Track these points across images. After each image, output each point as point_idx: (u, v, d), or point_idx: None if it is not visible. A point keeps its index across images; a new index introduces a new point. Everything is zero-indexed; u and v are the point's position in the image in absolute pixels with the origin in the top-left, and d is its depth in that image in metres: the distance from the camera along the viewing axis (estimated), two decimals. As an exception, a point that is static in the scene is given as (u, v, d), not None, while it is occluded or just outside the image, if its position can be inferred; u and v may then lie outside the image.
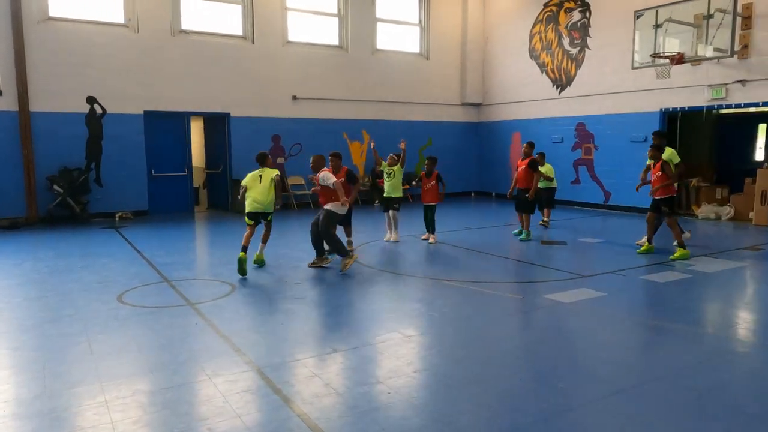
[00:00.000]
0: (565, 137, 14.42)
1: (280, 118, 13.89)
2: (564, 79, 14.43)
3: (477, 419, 3.31)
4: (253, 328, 5.02)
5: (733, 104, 11.23)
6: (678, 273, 6.98)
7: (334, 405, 3.47)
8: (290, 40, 13.95)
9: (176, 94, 12.56)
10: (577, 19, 13.95)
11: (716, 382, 3.83)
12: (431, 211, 9.27)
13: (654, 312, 5.66)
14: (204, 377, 3.88)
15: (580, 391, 3.69)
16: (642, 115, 12.64)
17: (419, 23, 16.00)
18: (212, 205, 14.30)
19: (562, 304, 5.67)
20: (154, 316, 5.30)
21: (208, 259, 8.52)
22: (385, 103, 15.35)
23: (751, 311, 5.77)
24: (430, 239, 9.20)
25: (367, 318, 5.34)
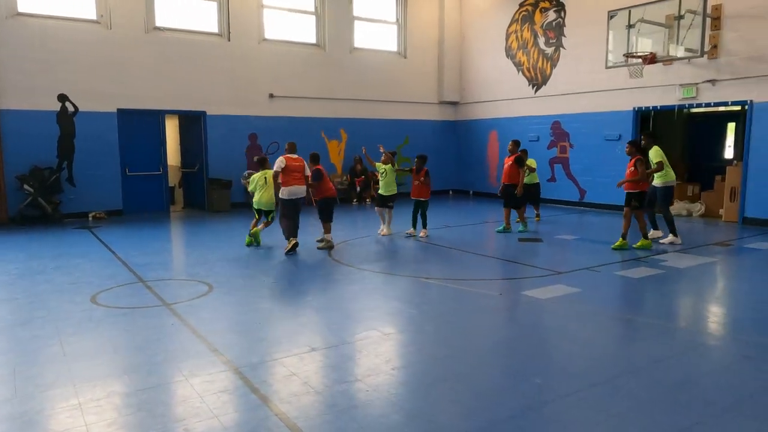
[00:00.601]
0: (541, 136, 14.59)
1: (256, 116, 13.78)
2: (540, 78, 14.58)
3: (455, 415, 3.34)
4: (231, 328, 4.98)
5: (703, 103, 11.48)
6: (651, 269, 7.11)
7: (313, 404, 3.46)
8: (267, 38, 13.85)
9: (151, 91, 12.38)
10: (553, 19, 14.11)
11: (688, 375, 3.92)
12: (422, 206, 9.50)
13: (628, 307, 5.76)
14: (180, 378, 3.83)
15: (556, 385, 3.74)
16: (616, 114, 12.85)
17: (396, 21, 16.02)
18: (188, 204, 14.14)
19: (538, 300, 5.74)
20: (128, 317, 5.22)
21: (184, 259, 8.41)
22: (362, 101, 15.33)
23: (721, 305, 5.91)
24: (422, 233, 9.43)
25: (345, 316, 5.33)
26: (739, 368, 4.06)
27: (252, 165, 13.83)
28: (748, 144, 10.78)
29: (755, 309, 5.56)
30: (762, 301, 5.83)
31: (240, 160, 13.70)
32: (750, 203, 10.81)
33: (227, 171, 13.38)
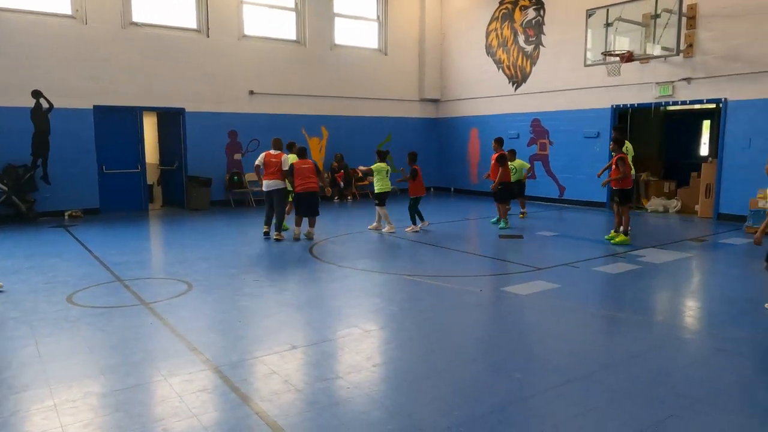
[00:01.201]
0: (521, 133, 14.70)
1: (236, 113, 13.66)
2: (519, 75, 14.69)
3: (435, 411, 3.35)
4: (210, 327, 4.94)
5: (679, 101, 11.67)
6: (628, 264, 7.22)
7: (293, 401, 3.45)
8: (246, 34, 13.73)
9: (128, 88, 12.20)
10: (532, 17, 14.21)
11: (664, 368, 3.99)
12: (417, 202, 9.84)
13: (606, 302, 5.84)
14: (159, 377, 3.79)
15: (536, 380, 3.78)
16: (594, 112, 13.00)
17: (377, 19, 16.00)
18: (167, 202, 13.97)
19: (518, 296, 5.79)
20: (106, 316, 5.15)
21: (163, 257, 8.32)
22: (343, 98, 15.29)
23: (696, 300, 6.02)
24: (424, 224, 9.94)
25: (326, 314, 5.32)
26: (713, 361, 4.14)
27: (233, 163, 13.76)
28: (722, 141, 10.99)
29: (729, 303, 5.68)
30: (736, 296, 5.96)
31: (220, 158, 13.59)
32: (724, 199, 11.02)
33: (207, 169, 13.26)
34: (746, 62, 10.45)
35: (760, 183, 10.08)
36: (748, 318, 5.15)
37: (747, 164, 10.55)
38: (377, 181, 9.67)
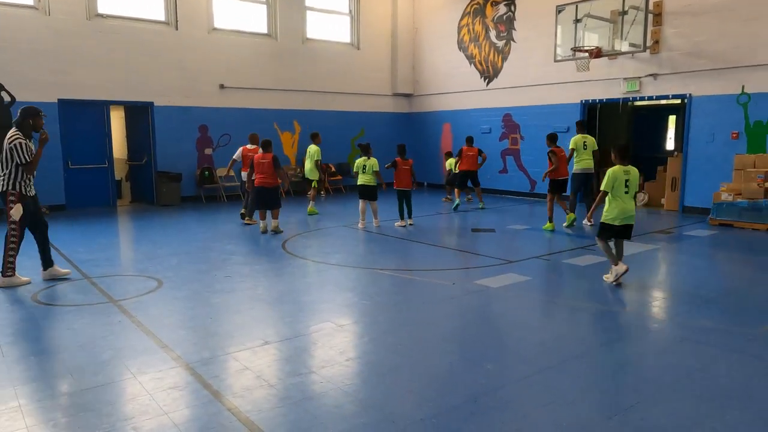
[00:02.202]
0: (493, 128, 14.83)
1: (207, 107, 13.47)
2: (491, 71, 14.80)
3: (408, 403, 3.37)
4: (181, 324, 4.87)
5: (646, 96, 11.91)
6: (597, 257, 7.35)
7: (266, 397, 3.43)
8: (216, 27, 13.52)
9: (94, 81, 11.91)
10: (503, 13, 14.33)
11: (631, 356, 4.09)
12: (406, 196, 9.82)
13: (575, 294, 5.95)
14: (128, 376, 3.73)
15: (507, 371, 3.83)
16: (564, 107, 13.19)
17: (349, 13, 15.92)
18: (136, 198, 13.70)
19: (490, 289, 5.86)
20: (72, 315, 5.04)
21: (132, 254, 8.16)
22: (316, 93, 15.20)
23: (662, 290, 6.17)
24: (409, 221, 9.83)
25: (299, 309, 5.30)
26: (677, 349, 4.26)
27: (204, 158, 13.56)
28: (687, 136, 11.27)
29: (693, 293, 5.84)
30: (699, 286, 6.13)
31: (190, 153, 13.39)
32: (689, 193, 11.31)
33: (177, 164, 13.05)
34: (710, 59, 10.73)
35: (724, 176, 10.38)
36: (711, 307, 5.31)
37: (711, 158, 10.85)
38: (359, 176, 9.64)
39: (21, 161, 5.75)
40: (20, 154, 5.74)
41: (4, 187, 5.82)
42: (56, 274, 6.22)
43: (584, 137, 9.87)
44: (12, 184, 5.80)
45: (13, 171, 5.79)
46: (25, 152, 5.76)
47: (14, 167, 5.78)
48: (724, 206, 9.72)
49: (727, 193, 9.75)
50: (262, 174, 8.99)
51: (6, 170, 5.80)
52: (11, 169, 5.78)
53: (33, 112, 5.93)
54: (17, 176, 5.81)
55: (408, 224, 9.73)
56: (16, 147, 5.74)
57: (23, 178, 5.86)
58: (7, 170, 5.79)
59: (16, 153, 5.74)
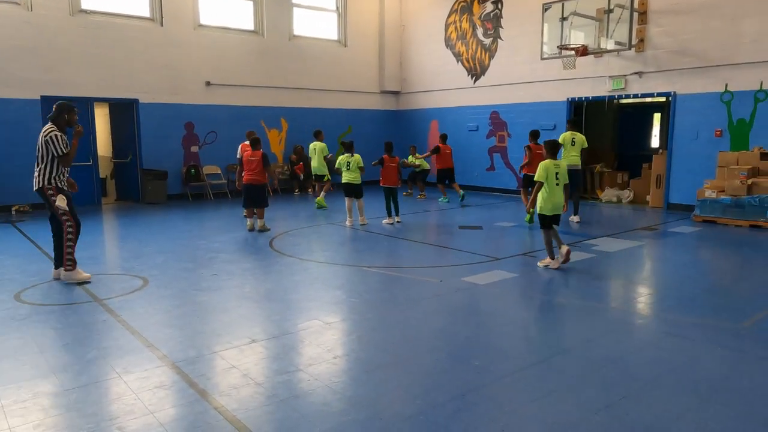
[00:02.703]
0: (480, 125, 14.88)
1: (193, 104, 13.36)
2: (478, 68, 14.83)
3: (396, 400, 3.38)
4: (167, 322, 4.83)
5: (631, 94, 12.01)
6: (583, 253, 7.41)
7: (253, 395, 3.42)
8: (202, 24, 13.42)
9: (78, 78, 11.77)
10: (490, 10, 14.36)
11: (615, 352, 4.12)
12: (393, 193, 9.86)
13: (561, 290, 5.99)
14: (113, 375, 3.70)
15: (494, 367, 3.85)
16: (551, 105, 13.26)
17: (336, 10, 15.87)
18: (121, 196, 13.57)
19: (477, 286, 5.88)
20: (57, 314, 4.98)
21: (117, 253, 8.08)
22: (303, 90, 15.14)
23: (647, 286, 6.24)
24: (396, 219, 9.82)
25: (286, 307, 5.28)
26: (662, 345, 4.30)
27: (190, 155, 13.45)
28: (672, 134, 11.38)
29: (678, 289, 5.90)
30: (683, 281, 6.20)
31: (176, 150, 13.28)
32: (673, 190, 11.43)
33: (162, 161, 12.95)
34: (694, 57, 10.84)
35: (707, 173, 10.50)
36: (695, 303, 5.38)
37: (695, 155, 10.97)
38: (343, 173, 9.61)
39: (57, 153, 5.75)
40: (56, 146, 5.73)
41: (40, 183, 5.81)
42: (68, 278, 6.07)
43: (573, 134, 9.93)
44: (48, 179, 5.80)
45: (48, 165, 5.78)
46: (61, 144, 5.76)
47: (50, 161, 5.77)
48: (707, 203, 9.83)
49: (710, 190, 9.87)
50: (251, 171, 8.96)
51: (42, 164, 5.78)
52: (47, 163, 5.77)
53: (68, 107, 5.98)
54: (53, 171, 5.80)
55: (395, 222, 9.72)
56: (52, 139, 5.73)
57: (59, 173, 5.85)
58: (42, 164, 5.77)
59: (52, 145, 5.73)
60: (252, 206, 9.09)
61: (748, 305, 5.33)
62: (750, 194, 9.40)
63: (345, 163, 9.52)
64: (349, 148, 9.67)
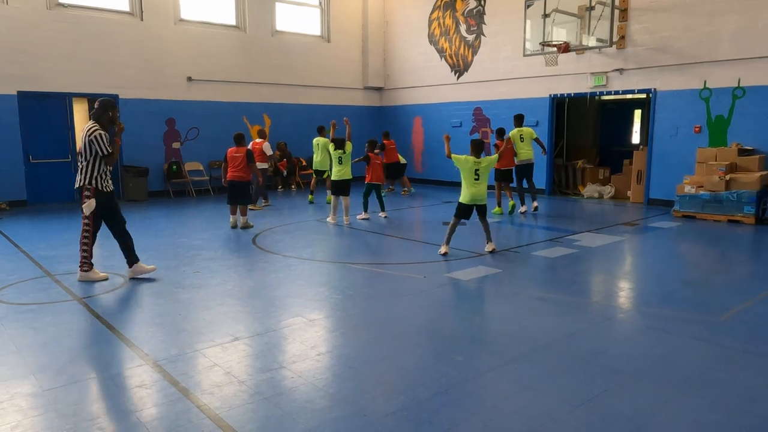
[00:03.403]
0: (464, 121, 14.92)
1: (174, 100, 13.22)
2: (462, 64, 14.87)
3: (380, 397, 3.38)
4: (148, 321, 4.78)
5: (612, 91, 12.13)
6: (565, 248, 7.48)
7: (236, 393, 3.40)
8: (183, 18, 13.26)
9: (55, 73, 11.57)
10: (473, 7, 14.39)
11: (597, 346, 4.17)
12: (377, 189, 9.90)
13: (544, 285, 6.04)
14: (93, 375, 3.65)
15: (477, 362, 3.87)
16: (534, 101, 13.34)
17: (319, 5, 15.79)
18: (102, 193, 13.35)
19: (461, 281, 5.90)
20: (35, 313, 4.90)
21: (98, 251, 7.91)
22: (286, 86, 15.05)
23: (628, 281, 6.31)
24: (382, 214, 9.95)
25: (270, 304, 5.26)
26: (642, 338, 4.36)
27: (172, 152, 13.31)
28: (652, 130, 11.52)
29: (658, 283, 5.98)
30: (664, 276, 6.29)
31: (157, 147, 13.13)
32: (654, 185, 11.58)
33: (143, 158, 12.79)
34: (674, 54, 10.97)
35: (687, 169, 10.65)
36: (675, 297, 5.46)
37: (675, 151, 11.12)
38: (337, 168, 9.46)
39: (102, 152, 5.66)
40: (101, 145, 5.64)
41: (81, 182, 5.70)
42: (142, 271, 6.05)
43: (520, 130, 10.34)
44: (89, 179, 5.68)
45: (92, 163, 5.67)
46: (105, 143, 5.66)
47: (93, 160, 5.67)
48: (687, 198, 9.98)
49: (690, 185, 10.01)
50: (235, 168, 8.89)
51: (85, 162, 5.66)
52: (90, 162, 5.66)
53: (111, 104, 5.87)
54: (96, 170, 5.69)
55: (382, 216, 9.76)
56: (97, 138, 5.63)
57: (101, 172, 5.74)
58: (86, 162, 5.66)
59: (97, 144, 5.63)
60: (236, 203, 9.02)
61: (726, 299, 5.42)
62: (728, 190, 9.55)
63: (337, 158, 9.36)
64: (341, 144, 9.45)
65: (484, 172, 6.80)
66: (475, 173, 6.73)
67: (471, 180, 6.78)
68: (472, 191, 6.84)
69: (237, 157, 8.90)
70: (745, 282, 6.17)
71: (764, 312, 4.96)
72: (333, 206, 9.55)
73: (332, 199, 9.60)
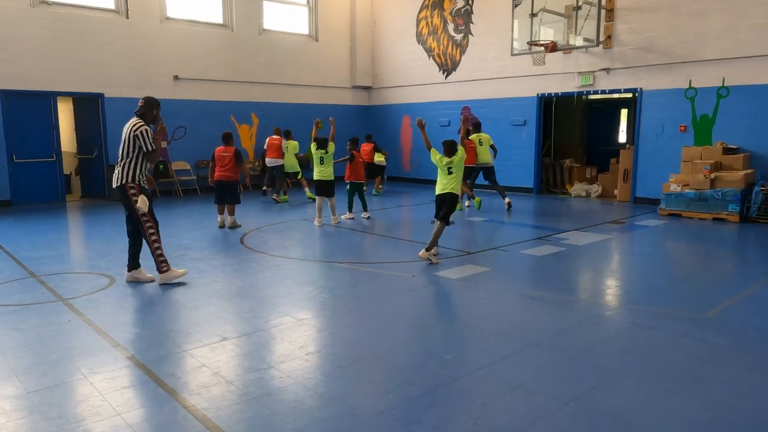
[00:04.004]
0: (452, 120, 14.94)
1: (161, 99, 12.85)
2: (450, 64, 14.89)
3: (369, 396, 3.37)
4: (135, 321, 4.73)
5: (599, 90, 12.21)
6: (554, 246, 7.52)
7: (224, 393, 3.37)
8: (170, 17, 13.15)
9: (39, 71, 11.42)
10: (461, 6, 14.41)
11: (586, 344, 4.19)
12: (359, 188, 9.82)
13: (532, 283, 6.06)
14: (79, 376, 3.60)
15: (467, 360, 3.87)
16: (522, 100, 13.39)
17: (307, 4, 15.73)
18: (87, 193, 13.24)
19: (450, 280, 5.91)
20: (18, 314, 4.83)
21: (83, 251, 7.88)
22: (274, 85, 14.98)
23: (615, 279, 6.36)
24: (365, 215, 9.83)
25: (258, 303, 5.22)
26: (630, 335, 4.39)
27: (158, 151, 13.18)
28: (638, 129, 11.61)
29: (645, 281, 6.03)
30: (650, 273, 6.34)
31: (143, 146, 12.98)
32: (640, 184, 11.68)
33: (130, 157, 12.64)
34: (659, 54, 11.07)
35: (672, 168, 10.75)
36: (661, 294, 5.50)
37: (660, 150, 11.23)
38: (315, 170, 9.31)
39: (147, 148, 5.57)
40: (146, 141, 5.55)
41: (123, 179, 5.55)
42: (140, 278, 5.87)
43: (479, 136, 10.77)
44: (132, 176, 5.56)
45: (134, 160, 5.56)
46: (150, 139, 5.58)
47: (136, 156, 5.57)
48: (673, 197, 10.07)
49: (675, 184, 10.10)
50: (223, 168, 8.83)
51: (127, 159, 5.55)
52: (132, 159, 5.55)
53: (156, 102, 5.84)
54: (139, 167, 5.59)
55: (365, 217, 9.70)
56: (143, 134, 5.55)
57: (143, 170, 5.64)
58: (128, 159, 5.55)
59: (141, 140, 5.54)
60: (223, 203, 8.95)
61: (711, 296, 5.48)
62: (713, 188, 9.66)
63: (319, 159, 9.19)
64: (323, 144, 9.21)
65: (457, 169, 6.85)
66: (448, 171, 6.85)
67: (445, 174, 6.88)
68: (441, 184, 6.91)
69: (225, 156, 8.83)
70: (729, 279, 6.24)
71: (749, 309, 5.02)
72: (318, 208, 9.29)
73: (317, 200, 9.33)
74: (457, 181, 6.83)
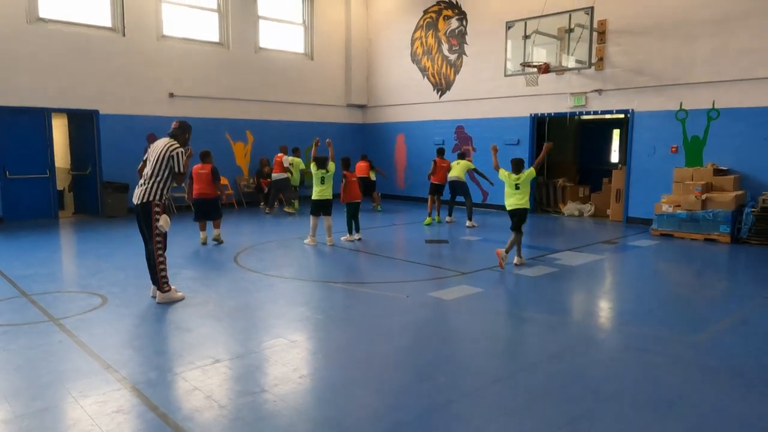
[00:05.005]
0: (446, 139, 15.04)
1: (155, 116, 13.12)
2: (444, 83, 15.03)
3: (363, 419, 3.35)
4: (127, 343, 4.70)
5: (591, 111, 12.35)
6: (547, 267, 7.54)
7: (216, 418, 3.34)
8: (166, 35, 13.24)
9: (34, 88, 11.43)
10: (455, 27, 14.60)
11: (578, 367, 4.19)
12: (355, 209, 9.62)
13: (526, 304, 6.07)
14: (69, 400, 3.56)
15: (460, 383, 3.86)
16: (515, 120, 13.52)
17: (303, 23, 15.89)
18: (80, 209, 13.18)
19: (443, 301, 5.91)
20: (8, 335, 4.78)
21: (75, 269, 7.83)
22: (269, 102, 15.06)
23: (608, 300, 6.38)
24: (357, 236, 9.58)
25: (251, 325, 5.20)
26: (622, 358, 4.40)
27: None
28: (630, 149, 11.73)
29: (637, 302, 6.06)
30: (643, 294, 6.36)
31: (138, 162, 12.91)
32: (632, 204, 11.76)
33: (123, 174, 12.62)
34: (650, 76, 11.23)
35: (664, 188, 10.85)
36: (654, 316, 5.52)
37: (652, 171, 11.33)
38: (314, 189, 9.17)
39: (179, 170, 5.63)
40: (179, 163, 5.61)
41: (148, 197, 5.57)
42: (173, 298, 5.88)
43: (458, 162, 11.60)
44: (159, 195, 5.60)
45: (163, 180, 5.60)
46: (183, 161, 5.63)
47: (166, 176, 5.61)
48: (664, 217, 10.15)
49: (667, 204, 10.19)
50: (200, 185, 9.01)
51: (157, 178, 5.58)
52: (162, 179, 5.59)
53: (189, 126, 5.96)
54: (167, 187, 5.64)
55: (356, 239, 9.48)
56: (178, 155, 5.62)
57: (169, 190, 5.72)
58: (158, 178, 5.58)
59: (175, 160, 5.60)
60: (204, 219, 9.11)
61: (703, 318, 5.51)
62: (704, 209, 9.74)
63: (320, 179, 9.03)
64: (323, 163, 9.06)
65: (524, 183, 7.59)
66: (515, 186, 7.60)
67: (512, 191, 7.65)
68: (511, 200, 7.70)
69: (202, 174, 9.04)
70: (721, 301, 6.28)
71: (740, 331, 5.05)
72: (312, 226, 9.20)
73: (311, 219, 9.20)
74: (525, 196, 7.64)
